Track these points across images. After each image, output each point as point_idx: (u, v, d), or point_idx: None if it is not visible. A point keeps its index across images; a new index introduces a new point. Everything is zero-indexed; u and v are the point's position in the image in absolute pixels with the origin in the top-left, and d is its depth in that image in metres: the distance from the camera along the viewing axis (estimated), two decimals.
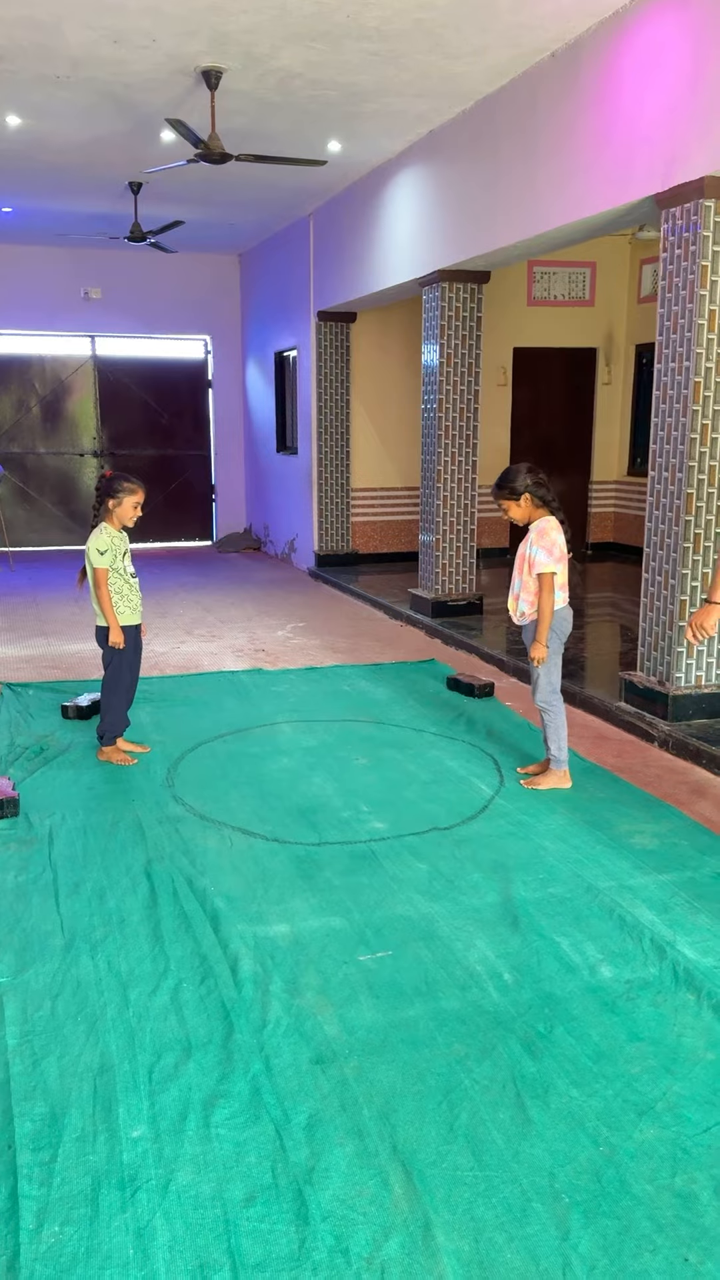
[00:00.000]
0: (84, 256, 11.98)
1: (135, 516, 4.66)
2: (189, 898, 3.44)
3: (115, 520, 4.64)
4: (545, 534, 4.25)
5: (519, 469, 4.31)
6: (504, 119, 6.44)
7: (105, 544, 4.58)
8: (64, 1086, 2.48)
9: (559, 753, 4.43)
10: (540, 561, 4.23)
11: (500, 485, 4.31)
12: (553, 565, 4.23)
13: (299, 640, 7.53)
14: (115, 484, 4.62)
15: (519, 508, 4.31)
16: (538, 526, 4.28)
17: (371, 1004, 2.83)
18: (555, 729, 4.41)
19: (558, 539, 4.25)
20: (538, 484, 4.26)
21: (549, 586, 4.24)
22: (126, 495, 4.61)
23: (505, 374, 10.72)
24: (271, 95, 6.54)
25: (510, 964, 3.03)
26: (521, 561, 4.35)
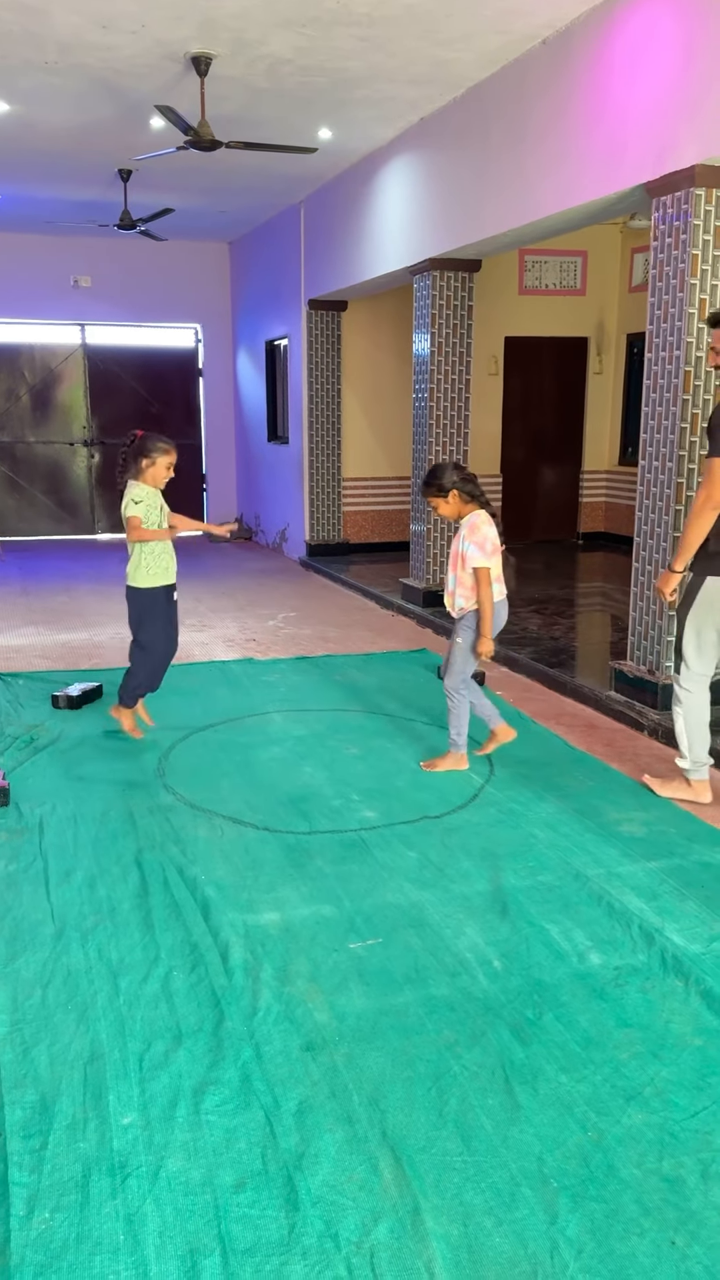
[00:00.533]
0: (73, 244, 11.91)
1: (168, 478, 4.63)
2: (179, 886, 3.45)
3: (148, 480, 4.60)
4: (476, 529, 4.30)
5: (445, 466, 4.39)
6: (495, 106, 6.42)
7: (140, 495, 4.54)
8: (54, 1074, 2.49)
9: (458, 737, 4.54)
10: (473, 557, 4.29)
11: (427, 483, 4.38)
12: (485, 560, 4.28)
13: (290, 630, 7.52)
14: (149, 443, 4.57)
15: (448, 504, 4.36)
16: (468, 522, 4.33)
17: (362, 991, 2.84)
18: (457, 716, 4.52)
19: (489, 533, 4.30)
20: (465, 479, 4.33)
21: (485, 580, 4.30)
22: (160, 455, 4.57)
23: (496, 363, 10.71)
24: (261, 82, 6.50)
25: (500, 951, 3.04)
26: (455, 558, 4.40)
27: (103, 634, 7.37)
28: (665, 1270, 1.95)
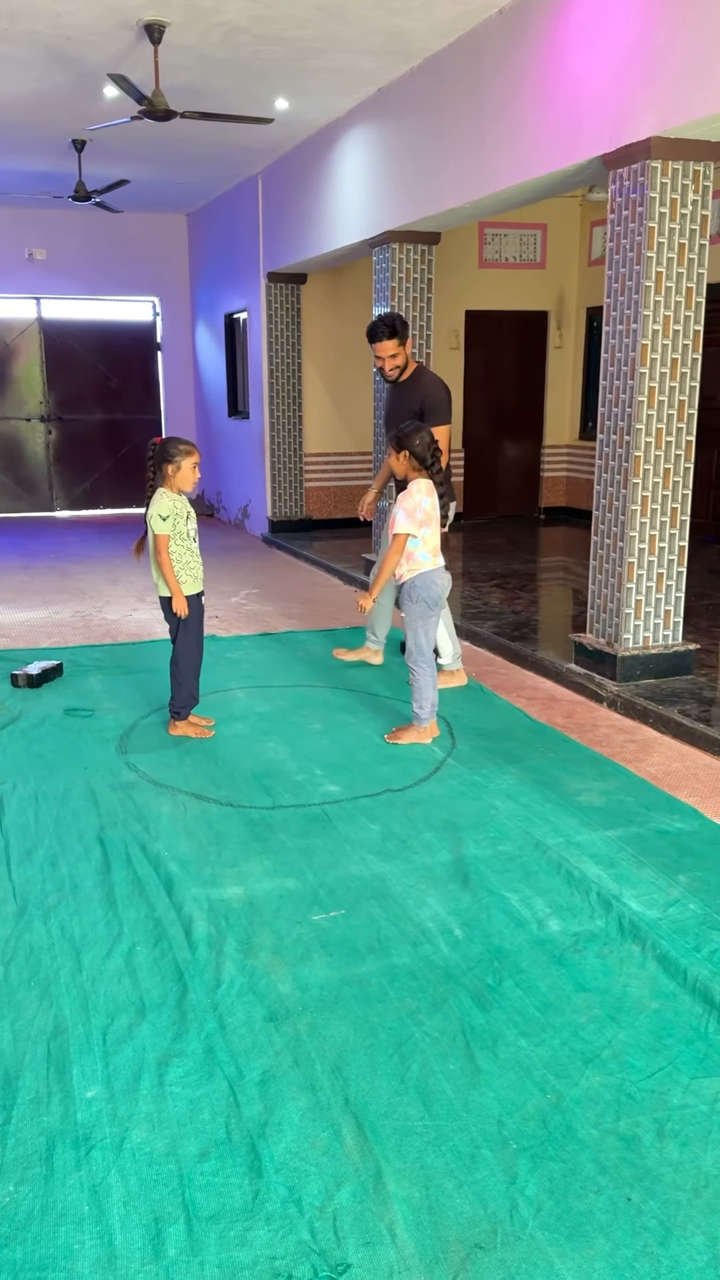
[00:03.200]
0: (28, 216, 11.70)
1: (195, 479, 4.53)
2: (142, 863, 3.45)
3: (174, 486, 4.49)
4: (409, 495, 4.38)
5: (419, 428, 4.46)
6: (452, 77, 6.37)
7: (167, 509, 4.43)
8: (17, 1050, 2.49)
9: (421, 711, 4.57)
10: (399, 522, 4.35)
11: (395, 435, 4.44)
12: (410, 527, 4.34)
13: (253, 607, 7.51)
14: (171, 448, 4.44)
15: (399, 461, 4.44)
16: (408, 488, 4.37)
17: (325, 962, 2.86)
18: (419, 689, 4.55)
19: (422, 501, 4.33)
20: (421, 446, 4.37)
21: (397, 546, 4.38)
22: (184, 458, 4.45)
23: (457, 337, 10.69)
24: (216, 51, 6.40)
25: (461, 920, 3.08)
26: (390, 522, 4.42)
27: (64, 612, 7.31)
28: (621, 1225, 2.00)
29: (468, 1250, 1.94)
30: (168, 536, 4.45)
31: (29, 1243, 1.94)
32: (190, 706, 4.74)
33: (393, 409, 5.38)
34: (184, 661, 4.63)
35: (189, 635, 4.61)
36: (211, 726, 4.79)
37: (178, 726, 4.72)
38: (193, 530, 4.59)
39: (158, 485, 4.52)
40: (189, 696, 4.70)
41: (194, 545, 4.59)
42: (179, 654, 4.63)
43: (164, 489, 4.49)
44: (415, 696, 4.57)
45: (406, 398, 5.30)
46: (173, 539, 4.46)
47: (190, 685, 4.68)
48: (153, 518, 4.46)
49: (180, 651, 4.63)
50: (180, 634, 4.61)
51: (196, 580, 4.60)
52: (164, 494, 4.48)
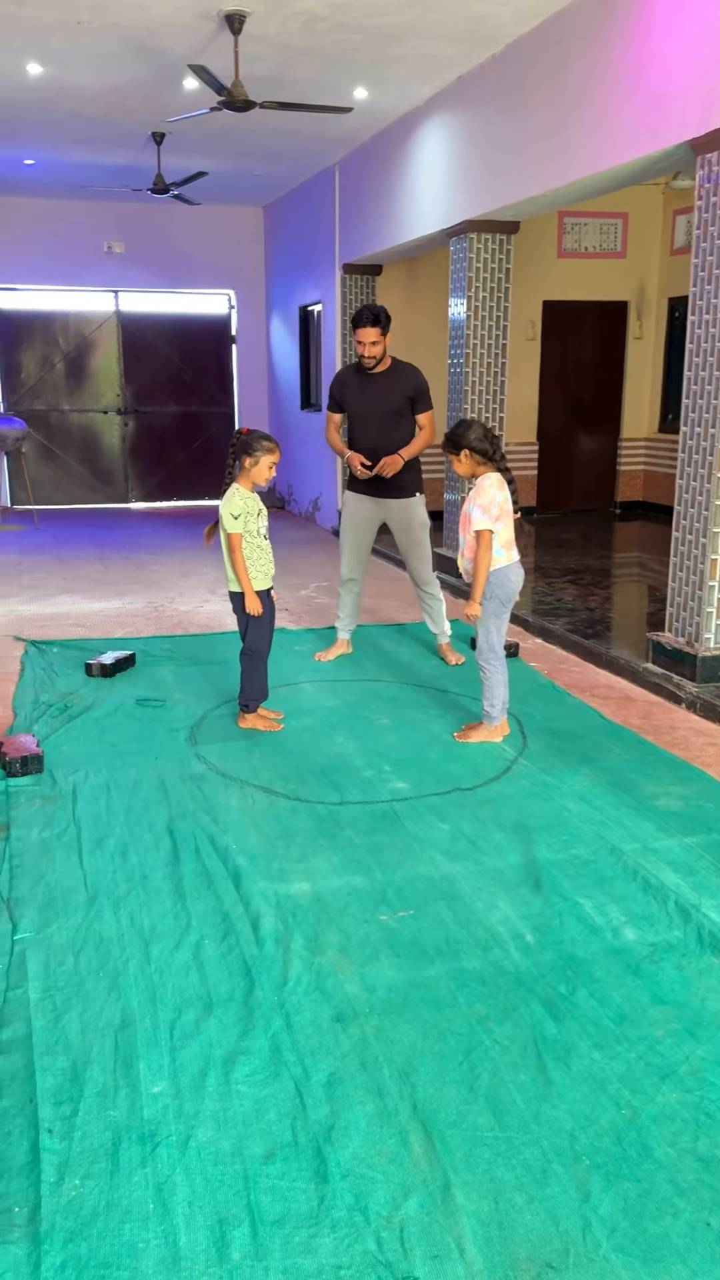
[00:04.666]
0: (107, 210, 11.83)
1: (270, 477, 4.52)
2: (211, 855, 3.44)
3: (248, 479, 4.48)
4: (482, 491, 4.25)
5: (469, 423, 4.32)
6: (534, 63, 6.25)
7: (239, 507, 4.41)
8: (85, 1042, 2.49)
9: (490, 709, 4.48)
10: (476, 519, 4.22)
11: (447, 438, 4.34)
12: (488, 523, 4.21)
13: (322, 600, 7.48)
14: (253, 443, 4.43)
15: (460, 463, 4.33)
16: (478, 484, 4.26)
17: (392, 963, 2.82)
18: (490, 687, 4.45)
19: (496, 495, 4.22)
20: (480, 439, 4.24)
21: (485, 544, 4.23)
22: (264, 454, 4.42)
23: (534, 328, 10.53)
24: (296, 40, 6.37)
25: (532, 925, 3.00)
26: (464, 519, 4.31)
27: (137, 602, 7.37)
28: (700, 1252, 1.92)
29: (538, 1269, 1.88)
30: (240, 535, 4.43)
31: (94, 1239, 1.93)
32: (260, 700, 4.72)
33: (371, 396, 5.40)
34: (254, 655, 4.62)
35: (260, 629, 4.59)
36: (280, 720, 4.77)
37: (247, 719, 4.71)
38: (263, 527, 4.56)
39: (235, 475, 4.50)
40: (259, 690, 4.68)
41: (264, 542, 4.56)
42: (249, 647, 4.62)
43: (238, 484, 4.47)
44: (486, 694, 4.49)
45: (388, 386, 5.38)
46: (244, 537, 4.44)
47: (260, 679, 4.66)
48: (224, 517, 4.44)
49: (250, 645, 4.61)
50: (251, 628, 4.59)
51: (266, 577, 4.58)
52: (237, 490, 4.45)
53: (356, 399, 5.46)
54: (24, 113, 7.98)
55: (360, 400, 5.45)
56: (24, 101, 7.66)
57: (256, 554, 4.51)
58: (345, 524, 5.69)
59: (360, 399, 5.44)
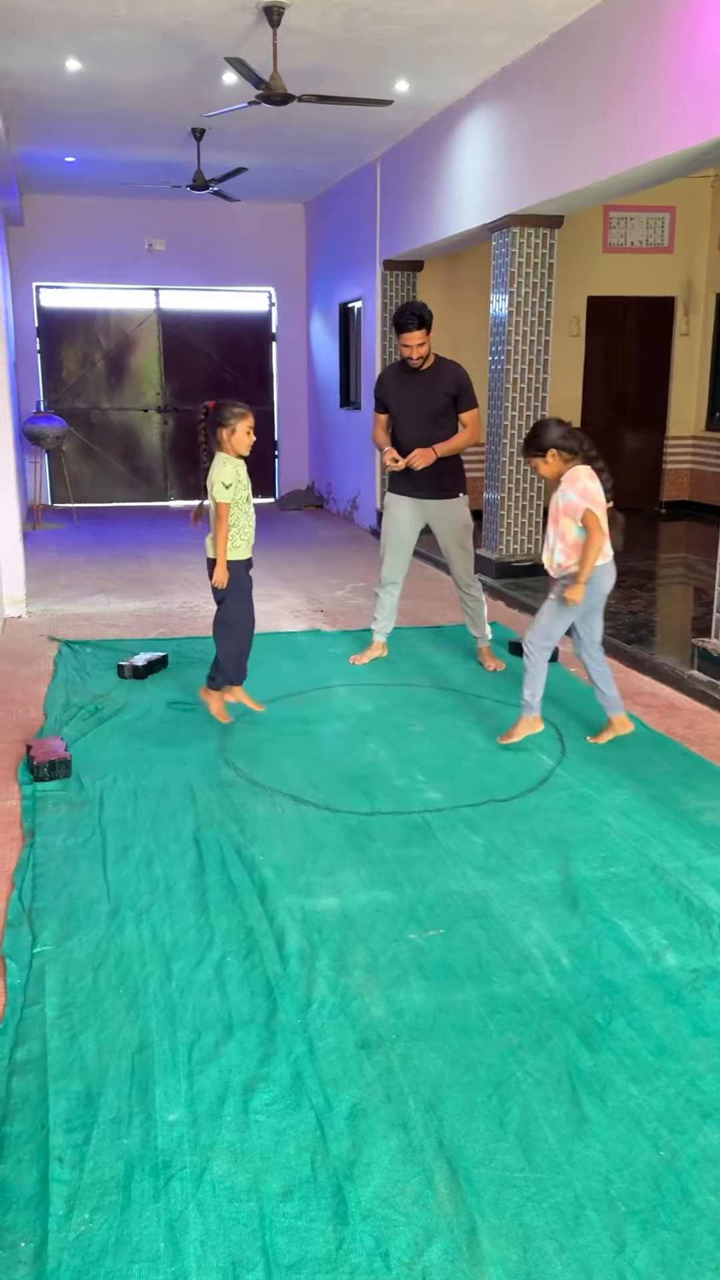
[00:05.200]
0: (147, 207, 11.81)
1: (250, 443, 4.47)
2: (237, 866, 3.35)
3: (231, 449, 4.44)
4: (577, 480, 4.07)
5: (546, 423, 4.14)
6: (580, 52, 6.08)
7: (230, 476, 4.38)
8: (101, 1064, 2.41)
9: (531, 698, 4.33)
10: (576, 504, 4.04)
11: (526, 443, 4.17)
12: (592, 505, 4.03)
13: (358, 601, 7.38)
14: (224, 412, 4.39)
15: (547, 464, 4.13)
16: (568, 475, 4.10)
17: (421, 986, 2.71)
18: (533, 676, 4.30)
19: (591, 486, 4.05)
20: (564, 435, 4.08)
21: (597, 526, 4.03)
22: (238, 420, 4.39)
23: (578, 324, 10.34)
24: (336, 32, 6.26)
25: (568, 947, 2.88)
26: (555, 512, 4.15)
27: (172, 602, 7.32)
28: None
29: None
30: (228, 505, 4.40)
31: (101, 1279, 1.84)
32: (233, 682, 4.66)
33: (415, 395, 5.30)
34: (230, 627, 4.56)
35: (238, 601, 4.55)
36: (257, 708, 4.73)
37: (208, 693, 4.67)
38: (249, 494, 4.52)
39: (212, 451, 4.44)
40: (234, 670, 4.62)
41: (249, 508, 4.53)
42: (223, 618, 4.56)
43: (224, 454, 4.41)
44: (528, 683, 4.32)
45: (433, 385, 5.28)
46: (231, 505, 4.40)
47: (237, 657, 4.60)
48: (215, 485, 4.39)
49: (225, 615, 4.56)
50: (229, 598, 4.54)
51: (247, 545, 4.55)
52: (226, 460, 4.41)
53: (399, 398, 5.36)
54: (64, 110, 7.95)
55: (402, 399, 5.34)
56: (64, 98, 7.63)
57: (243, 520, 4.48)
58: (386, 526, 5.58)
59: (402, 397, 5.34)
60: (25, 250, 11.72)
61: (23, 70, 6.94)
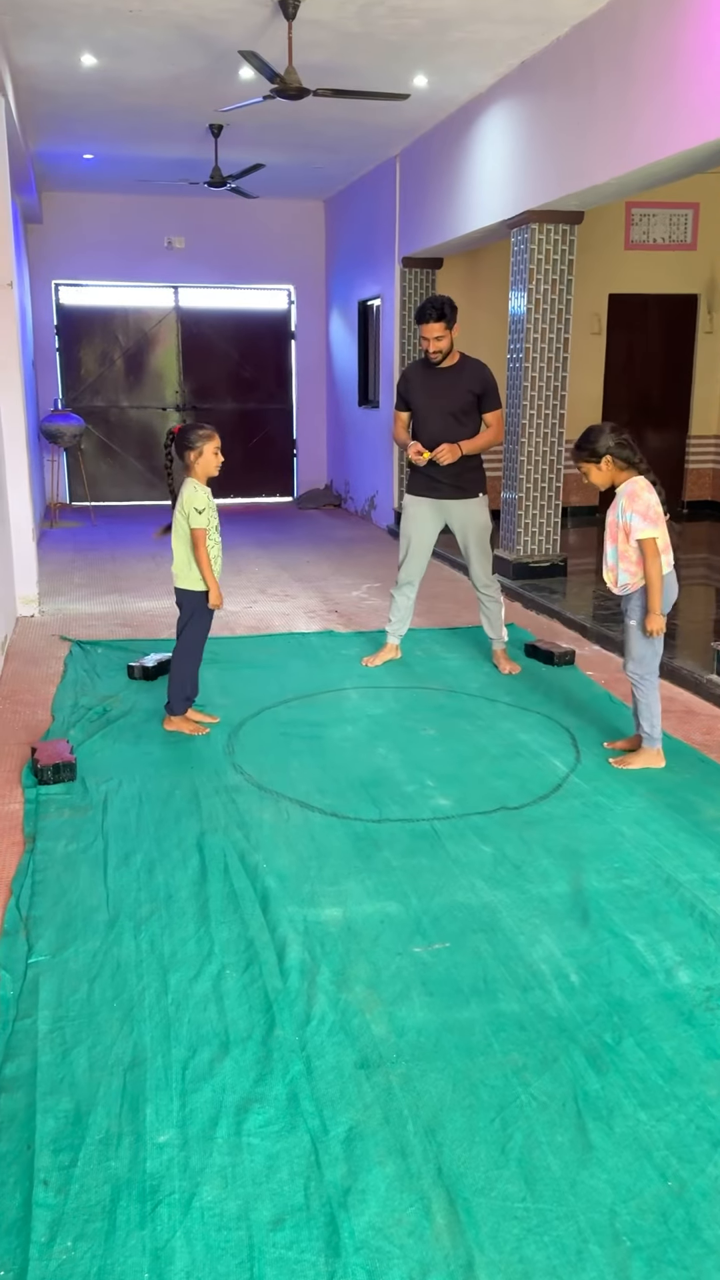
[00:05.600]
0: (166, 205, 11.77)
1: (219, 463, 4.39)
2: (239, 874, 3.28)
3: (200, 473, 4.38)
4: (637, 497, 3.93)
5: (601, 428, 3.99)
6: (602, 44, 5.97)
7: (203, 501, 4.30)
8: (92, 1080, 2.35)
9: (652, 730, 4.13)
10: (638, 527, 3.91)
11: (580, 446, 4.01)
12: (651, 530, 3.91)
13: (374, 601, 7.30)
14: (189, 436, 4.32)
15: (599, 471, 3.99)
16: (626, 490, 3.96)
17: (424, 1002, 2.62)
18: (648, 704, 4.11)
19: (651, 500, 3.93)
20: (620, 444, 3.94)
21: (653, 552, 3.92)
22: (204, 443, 4.32)
23: (599, 322, 10.21)
24: (352, 25, 6.18)
25: (578, 963, 2.79)
26: (614, 529, 4.03)
27: None
28: None
29: None
30: (205, 531, 4.33)
31: None
32: (188, 702, 4.60)
33: (437, 392, 5.21)
34: (191, 655, 4.50)
35: (199, 628, 4.49)
36: (211, 725, 4.64)
37: (173, 721, 4.59)
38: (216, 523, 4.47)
39: (179, 476, 4.36)
40: (189, 690, 4.56)
41: (218, 537, 4.48)
42: (185, 646, 4.50)
43: (193, 480, 4.34)
44: (643, 713, 4.13)
45: (454, 382, 5.18)
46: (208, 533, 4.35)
47: (191, 679, 4.55)
48: (189, 513, 4.32)
49: (185, 645, 4.49)
50: (190, 627, 4.47)
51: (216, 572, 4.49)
52: (196, 486, 4.34)
53: (421, 395, 5.27)
54: (81, 106, 7.92)
55: (425, 396, 5.26)
56: (80, 94, 7.59)
57: (214, 550, 4.43)
58: (405, 527, 5.49)
59: (425, 395, 5.26)
60: (44, 248, 11.71)
61: (39, 66, 6.90)
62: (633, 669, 4.11)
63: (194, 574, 4.42)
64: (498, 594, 5.48)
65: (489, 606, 5.49)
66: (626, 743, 4.36)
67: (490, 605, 5.48)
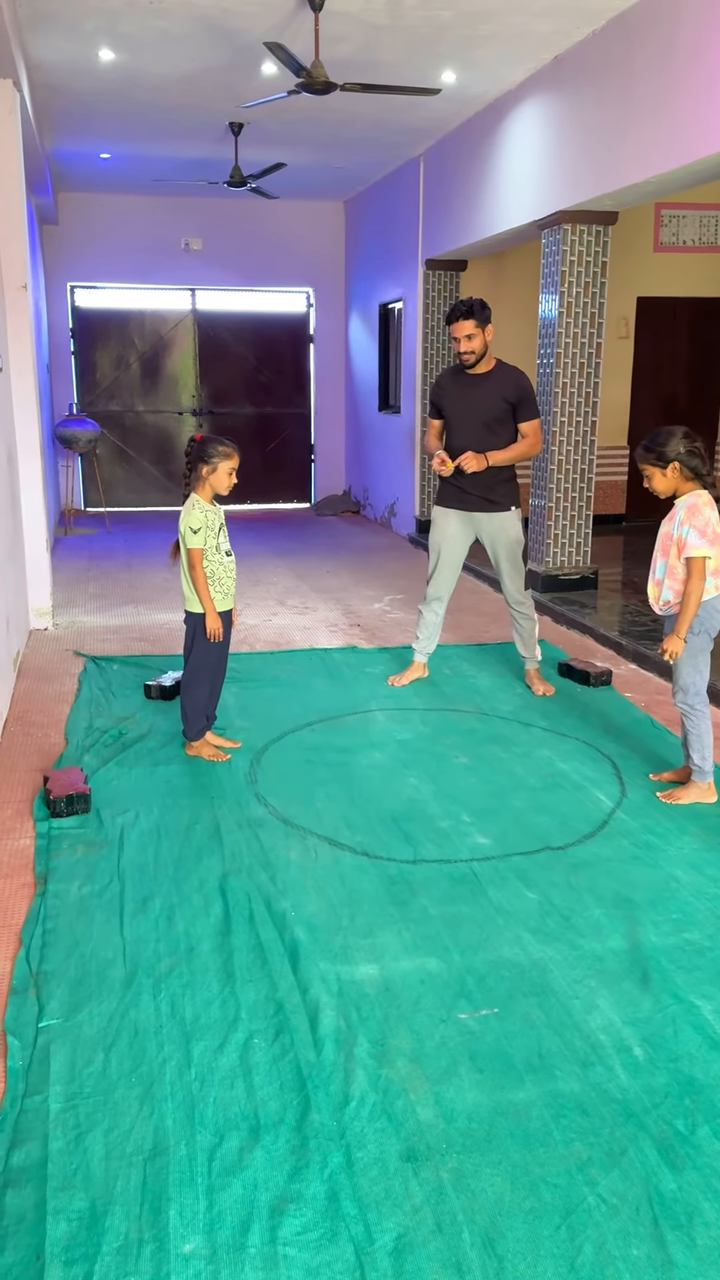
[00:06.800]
0: (184, 205, 11.56)
1: (231, 484, 4.19)
2: (266, 923, 3.04)
3: (208, 490, 4.17)
4: (698, 511, 3.67)
5: (673, 432, 3.72)
6: (640, 37, 5.72)
7: (199, 520, 4.09)
8: (109, 1173, 2.11)
9: (703, 763, 3.87)
10: (693, 544, 3.65)
11: (648, 448, 3.74)
12: (706, 549, 3.65)
13: (397, 614, 7.06)
14: (209, 448, 4.12)
15: (664, 478, 3.73)
16: (687, 503, 3.70)
17: (473, 1080, 2.38)
18: (699, 735, 3.85)
19: (711, 516, 3.67)
20: (691, 453, 3.68)
21: (699, 572, 3.66)
22: (222, 460, 4.12)
23: (627, 325, 9.95)
24: (380, 18, 5.94)
25: (640, 1034, 2.54)
26: (666, 542, 3.77)
27: None
28: None
29: None
30: (201, 551, 4.10)
31: None
32: (204, 728, 4.38)
33: (469, 399, 4.98)
34: (198, 681, 4.27)
35: (206, 653, 4.25)
36: (232, 750, 4.42)
37: (193, 747, 4.37)
38: (225, 542, 4.24)
39: (193, 485, 4.15)
40: (200, 717, 4.34)
41: (227, 559, 4.23)
42: (192, 673, 4.27)
43: (197, 495, 4.15)
44: (694, 745, 3.87)
45: (488, 390, 4.95)
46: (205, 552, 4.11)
47: (202, 707, 4.32)
48: (184, 531, 4.11)
49: (194, 669, 4.26)
50: (197, 652, 4.23)
51: (227, 597, 4.25)
52: (196, 502, 4.13)
53: (453, 402, 5.03)
54: (98, 104, 7.70)
55: (457, 404, 5.01)
56: (98, 91, 7.37)
57: (219, 571, 4.18)
58: (434, 540, 5.24)
59: (457, 402, 5.01)
60: (60, 249, 11.51)
61: (55, 62, 6.69)
62: (681, 700, 3.86)
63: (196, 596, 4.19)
64: (531, 611, 5.23)
65: (522, 624, 5.24)
66: (673, 774, 4.11)
67: (523, 623, 5.23)
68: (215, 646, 4.28)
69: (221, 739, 4.50)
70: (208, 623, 4.19)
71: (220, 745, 4.45)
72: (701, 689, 3.85)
